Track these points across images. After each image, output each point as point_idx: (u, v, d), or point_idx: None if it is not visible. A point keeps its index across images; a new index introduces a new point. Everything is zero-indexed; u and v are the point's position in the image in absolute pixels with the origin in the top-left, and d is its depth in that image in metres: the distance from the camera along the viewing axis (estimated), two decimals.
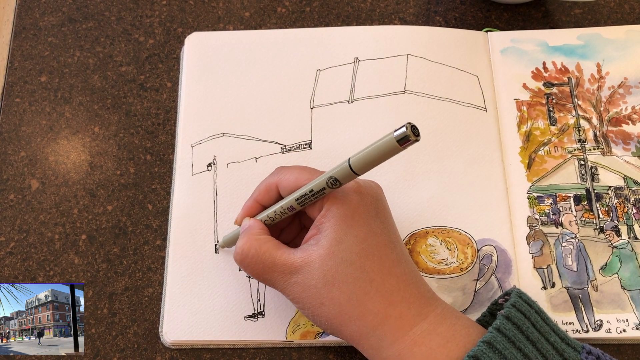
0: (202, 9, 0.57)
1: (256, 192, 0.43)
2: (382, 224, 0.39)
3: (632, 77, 0.53)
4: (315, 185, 0.38)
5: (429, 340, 0.36)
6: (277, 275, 0.39)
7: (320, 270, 0.37)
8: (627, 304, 0.45)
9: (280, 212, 0.41)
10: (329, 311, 0.37)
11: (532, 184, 0.49)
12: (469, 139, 0.50)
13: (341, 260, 0.37)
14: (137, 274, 0.48)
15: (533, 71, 0.53)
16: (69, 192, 0.50)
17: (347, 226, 0.37)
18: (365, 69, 0.53)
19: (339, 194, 0.39)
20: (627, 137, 0.51)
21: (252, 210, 0.43)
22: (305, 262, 0.38)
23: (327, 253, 0.37)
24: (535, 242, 0.48)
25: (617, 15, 0.56)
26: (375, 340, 0.37)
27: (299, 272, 0.38)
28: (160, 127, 0.53)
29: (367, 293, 0.37)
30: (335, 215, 0.38)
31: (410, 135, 0.33)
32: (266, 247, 0.39)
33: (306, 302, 0.38)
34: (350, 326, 0.37)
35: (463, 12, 0.57)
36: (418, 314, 0.37)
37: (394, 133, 0.33)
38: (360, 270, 0.37)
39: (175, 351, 0.45)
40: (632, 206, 0.48)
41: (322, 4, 0.57)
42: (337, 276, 0.37)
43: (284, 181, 0.41)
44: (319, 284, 0.37)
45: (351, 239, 0.37)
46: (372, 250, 0.38)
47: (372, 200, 0.39)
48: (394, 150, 0.34)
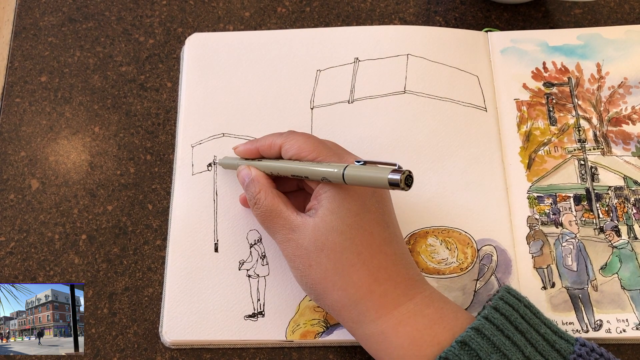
0: (202, 9, 0.57)
1: (259, 142, 0.44)
2: (377, 203, 0.40)
3: (632, 77, 0.53)
4: (310, 174, 0.40)
5: (414, 321, 0.37)
6: (279, 226, 0.40)
7: (312, 233, 0.38)
8: (627, 304, 0.45)
9: (277, 173, 0.43)
10: (314, 275, 0.38)
11: (532, 184, 0.49)
12: (469, 139, 0.50)
13: (332, 228, 0.38)
14: (137, 274, 0.48)
15: (533, 71, 0.53)
16: (69, 192, 0.50)
17: (342, 198, 0.39)
18: (365, 69, 0.53)
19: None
20: (627, 137, 0.51)
21: (251, 153, 0.45)
22: (302, 223, 0.39)
23: (320, 220, 0.39)
24: (535, 242, 0.48)
25: (617, 15, 0.56)
26: (356, 313, 0.38)
27: (296, 231, 0.39)
28: (160, 127, 0.53)
29: (353, 264, 0.38)
30: (333, 188, 0.39)
31: (400, 183, 0.34)
32: (276, 201, 0.41)
33: (297, 261, 0.39)
34: (332, 294, 0.38)
35: (463, 12, 0.57)
36: (404, 294, 0.38)
37: (388, 175, 0.34)
38: (350, 242, 0.38)
39: (175, 351, 0.45)
40: (632, 206, 0.49)
41: (322, 4, 0.57)
42: (326, 243, 0.38)
43: (288, 146, 0.42)
44: (310, 246, 0.38)
45: (344, 211, 0.38)
46: (364, 224, 0.39)
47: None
48: (382, 186, 0.35)
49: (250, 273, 0.47)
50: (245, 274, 0.47)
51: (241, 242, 0.48)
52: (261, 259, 0.47)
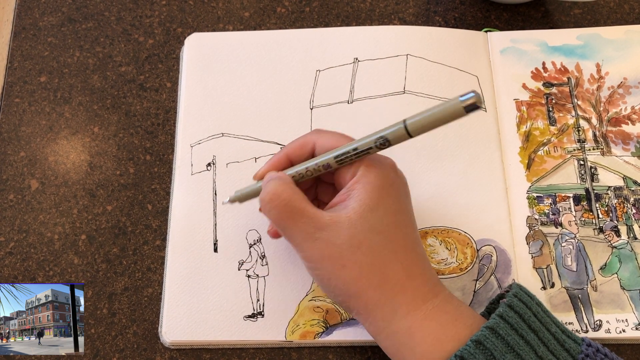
0: (201, 9, 0.57)
1: (289, 147, 0.42)
2: (409, 205, 0.40)
3: (631, 77, 0.53)
4: (361, 144, 0.37)
5: (439, 316, 0.37)
6: (301, 225, 0.37)
7: (348, 231, 0.37)
8: (626, 304, 0.46)
9: (313, 169, 0.40)
10: (349, 274, 0.37)
11: (531, 184, 0.49)
12: (468, 139, 0.50)
13: (371, 227, 0.37)
14: (136, 274, 0.48)
15: (533, 71, 0.53)
16: (68, 192, 0.50)
17: (381, 197, 0.37)
18: (364, 69, 0.53)
19: (376, 164, 0.39)
20: (627, 137, 0.51)
21: (279, 164, 0.42)
22: (334, 221, 0.37)
23: (357, 217, 0.37)
24: (535, 242, 0.48)
25: (616, 15, 0.56)
26: (389, 310, 0.37)
27: (325, 229, 0.37)
28: (160, 127, 0.53)
29: (390, 261, 0.37)
30: (371, 183, 0.37)
31: (478, 102, 0.33)
32: (298, 196, 0.38)
33: (326, 262, 0.37)
34: (368, 293, 0.37)
35: (463, 12, 0.56)
36: (431, 291, 0.38)
37: (460, 98, 0.33)
38: (387, 240, 0.37)
39: (174, 351, 0.45)
40: (632, 206, 0.49)
41: (321, 4, 0.57)
42: (364, 241, 0.37)
43: (322, 141, 0.40)
44: (344, 244, 0.36)
45: (383, 210, 0.37)
46: (400, 225, 0.38)
47: (404, 183, 0.40)
48: (457, 116, 0.33)
49: (250, 273, 0.47)
50: (244, 274, 0.47)
51: (240, 242, 0.48)
52: (260, 259, 0.47)
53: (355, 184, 0.38)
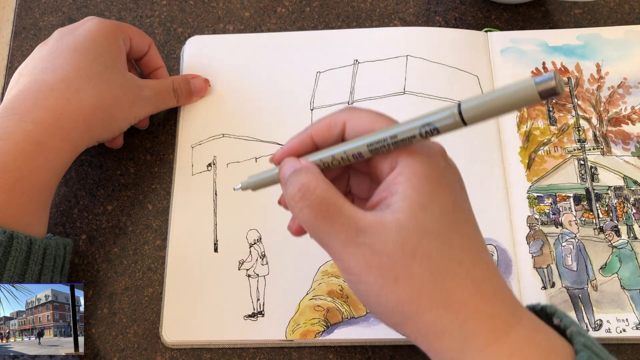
0: (202, 9, 0.57)
1: (314, 127, 0.34)
2: (467, 201, 0.33)
3: (631, 77, 0.53)
4: (402, 130, 0.30)
5: (529, 351, 0.29)
6: (339, 227, 0.30)
7: (398, 236, 0.29)
8: (626, 303, 0.46)
9: (340, 158, 0.32)
10: (403, 291, 0.29)
11: (532, 183, 0.49)
12: (468, 139, 0.50)
13: (425, 229, 0.30)
14: (137, 274, 0.48)
15: (533, 71, 0.53)
16: (69, 192, 0.50)
17: (433, 191, 0.30)
18: (364, 70, 0.53)
19: (422, 151, 0.31)
20: (627, 137, 0.51)
21: (301, 147, 0.34)
22: (379, 223, 0.30)
23: (407, 218, 0.29)
24: (535, 241, 0.48)
25: (616, 15, 0.56)
26: (459, 340, 0.29)
27: (369, 233, 0.30)
28: (160, 127, 0.53)
29: (456, 275, 0.30)
30: (418, 175, 0.30)
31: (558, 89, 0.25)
32: (335, 192, 0.31)
33: (373, 273, 0.30)
34: (429, 315, 0.29)
35: (463, 12, 0.57)
36: (512, 315, 0.30)
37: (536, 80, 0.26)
38: (448, 246, 0.30)
39: (175, 351, 0.45)
40: (632, 206, 0.49)
41: (322, 4, 0.57)
42: (419, 248, 0.29)
43: (355, 122, 0.32)
44: (395, 252, 0.29)
45: (437, 207, 0.30)
46: (460, 225, 0.31)
47: (457, 173, 0.33)
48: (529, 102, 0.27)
49: (250, 273, 0.47)
50: (245, 274, 0.47)
51: (241, 242, 0.48)
52: (261, 259, 0.47)
53: (398, 176, 0.31)
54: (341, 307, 0.45)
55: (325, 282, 0.46)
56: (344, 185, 0.37)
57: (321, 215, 0.31)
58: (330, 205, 0.31)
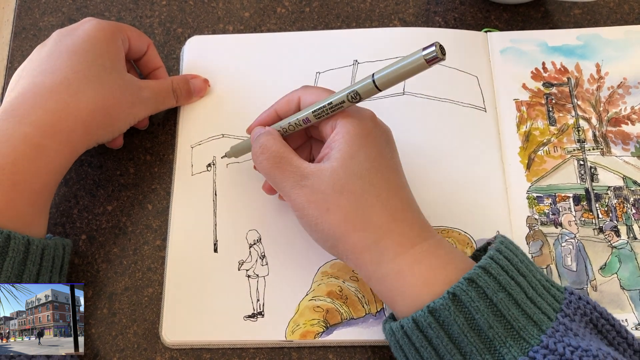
0: (202, 9, 0.57)
1: (277, 103, 0.44)
2: (391, 152, 0.41)
3: (631, 78, 0.53)
4: (335, 98, 0.40)
5: (429, 260, 0.38)
6: (289, 174, 0.40)
7: (330, 178, 0.39)
8: (626, 304, 0.46)
9: (295, 124, 0.42)
10: (333, 218, 0.38)
11: (531, 184, 0.49)
12: (468, 139, 0.50)
13: (352, 172, 0.39)
14: (137, 274, 0.48)
15: (532, 71, 0.53)
16: (69, 192, 0.50)
17: (360, 144, 0.39)
18: (364, 70, 0.53)
19: (355, 115, 0.40)
20: (627, 137, 0.51)
21: (268, 119, 0.45)
22: (318, 169, 0.39)
23: (339, 164, 0.39)
24: (535, 242, 0.48)
25: (616, 15, 0.56)
26: (376, 253, 0.38)
27: (310, 177, 0.39)
28: (160, 127, 0.53)
29: (373, 205, 0.38)
30: (350, 133, 0.39)
31: (438, 54, 0.34)
32: (286, 149, 0.41)
33: (312, 207, 0.39)
34: (353, 236, 0.38)
35: (462, 12, 0.57)
36: (419, 235, 0.39)
37: (422, 52, 0.35)
38: (369, 184, 0.39)
39: (175, 351, 0.45)
40: (632, 206, 0.49)
41: (321, 4, 0.57)
42: (346, 186, 0.38)
43: (307, 96, 0.42)
44: (327, 189, 0.38)
45: (362, 156, 0.39)
46: (382, 169, 0.39)
47: (384, 131, 0.42)
48: (419, 69, 0.36)
49: (250, 273, 0.47)
50: (244, 274, 0.47)
51: (240, 242, 0.48)
52: (260, 259, 0.47)
53: (335, 135, 0.40)
54: (340, 308, 0.46)
55: (325, 283, 0.46)
56: (308, 151, 0.47)
57: (275, 165, 0.40)
58: (282, 158, 0.40)
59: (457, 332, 0.35)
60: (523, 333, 0.35)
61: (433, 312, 0.36)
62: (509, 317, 0.35)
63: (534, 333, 0.35)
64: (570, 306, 0.37)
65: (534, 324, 0.36)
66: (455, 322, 0.35)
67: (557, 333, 0.35)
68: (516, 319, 0.35)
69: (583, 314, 0.37)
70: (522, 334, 0.35)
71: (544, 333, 0.35)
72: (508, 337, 0.35)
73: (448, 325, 0.36)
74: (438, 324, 0.36)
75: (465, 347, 0.35)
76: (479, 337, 0.35)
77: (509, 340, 0.35)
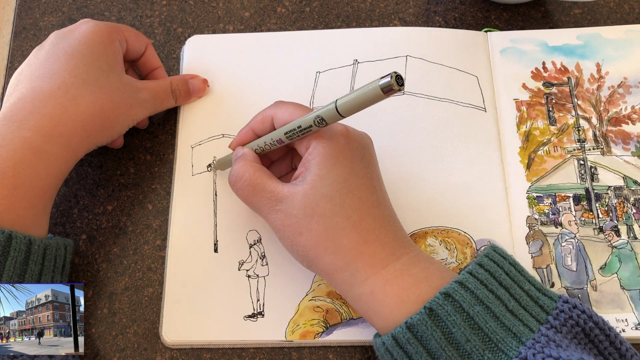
0: (202, 9, 0.57)
1: (253, 121, 0.45)
2: (365, 169, 0.41)
3: (631, 77, 0.53)
4: (303, 121, 0.40)
5: (401, 280, 0.38)
6: (264, 200, 0.41)
7: (302, 202, 0.39)
8: (626, 303, 0.46)
9: (269, 143, 0.43)
10: (306, 241, 0.39)
11: (531, 183, 0.49)
12: (468, 139, 0.50)
13: (322, 195, 0.39)
14: (137, 273, 0.48)
15: (532, 71, 0.53)
16: (69, 192, 0.50)
17: (331, 165, 0.39)
18: (364, 70, 0.53)
19: (327, 135, 0.40)
20: (627, 136, 0.51)
21: (246, 137, 0.45)
22: (291, 193, 0.40)
23: (309, 187, 0.39)
24: (535, 242, 0.48)
25: (616, 15, 0.56)
26: (348, 275, 0.39)
27: (284, 202, 0.40)
28: (160, 127, 0.53)
29: (343, 228, 0.39)
30: (321, 154, 0.40)
31: (393, 85, 0.34)
32: (259, 174, 0.42)
33: (286, 230, 0.40)
34: (324, 259, 0.39)
35: (463, 12, 0.57)
36: (391, 254, 0.39)
37: (379, 82, 0.35)
38: (339, 206, 0.39)
39: (175, 351, 0.45)
40: (632, 206, 0.49)
41: (321, 4, 0.57)
42: (316, 209, 0.39)
43: (279, 114, 0.42)
44: (299, 214, 0.39)
45: (333, 177, 0.39)
46: (353, 189, 0.39)
47: (358, 146, 0.41)
48: (377, 98, 0.36)
49: (250, 273, 0.47)
50: (244, 274, 0.47)
51: (241, 243, 0.48)
52: (261, 259, 0.47)
53: (308, 155, 0.40)
54: (340, 308, 0.46)
55: (325, 283, 0.46)
56: (288, 162, 0.47)
57: (250, 192, 0.42)
58: (256, 185, 0.41)
59: (435, 346, 0.36)
60: (501, 345, 0.35)
61: (411, 327, 0.36)
62: (486, 329, 0.36)
63: (513, 345, 0.35)
64: (560, 316, 0.37)
65: (513, 335, 0.36)
66: (433, 337, 0.36)
67: (538, 344, 0.35)
68: (494, 331, 0.36)
69: (575, 324, 0.37)
70: (501, 346, 0.35)
71: (523, 345, 0.35)
72: (486, 350, 0.35)
73: (426, 340, 0.36)
74: (416, 339, 0.36)
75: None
76: (457, 351, 0.36)
77: (487, 353, 0.35)
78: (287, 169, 0.47)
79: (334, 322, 0.45)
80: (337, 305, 0.46)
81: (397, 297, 0.37)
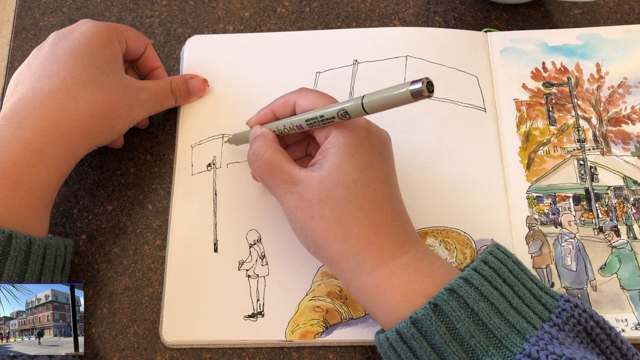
0: (202, 9, 0.57)
1: (274, 103, 0.45)
2: (383, 163, 0.41)
3: (631, 77, 0.53)
4: (326, 112, 0.40)
5: (407, 273, 0.38)
6: (280, 181, 0.41)
7: (317, 187, 0.39)
8: (626, 304, 0.46)
9: (289, 127, 0.43)
10: (316, 226, 0.40)
11: (531, 184, 0.49)
12: (468, 139, 0.50)
13: (338, 182, 0.39)
14: (137, 273, 0.48)
15: (532, 71, 0.53)
16: (69, 192, 0.50)
17: (350, 155, 0.40)
18: (364, 70, 0.53)
19: (348, 126, 0.41)
20: (627, 137, 0.51)
21: (265, 117, 0.46)
22: (307, 177, 0.40)
23: (326, 174, 0.39)
24: (535, 242, 0.48)
25: (616, 15, 0.56)
26: (354, 264, 0.39)
27: (299, 185, 0.40)
28: (160, 127, 0.53)
29: (355, 217, 0.39)
30: (340, 143, 0.40)
31: (424, 91, 0.34)
32: (278, 155, 0.42)
33: (298, 213, 0.40)
34: (333, 246, 0.39)
35: (462, 12, 0.57)
36: (400, 248, 0.39)
37: (409, 86, 0.35)
38: (354, 196, 0.39)
39: (175, 351, 0.45)
40: (632, 206, 0.49)
41: (321, 4, 0.57)
42: (331, 196, 0.39)
43: (302, 101, 0.43)
44: (313, 198, 0.39)
45: (351, 167, 0.40)
46: (369, 181, 0.40)
47: (377, 141, 0.42)
48: (405, 101, 0.36)
49: (250, 273, 0.47)
50: (244, 274, 0.47)
51: (241, 242, 0.48)
52: (260, 259, 0.47)
53: (327, 144, 0.41)
54: (340, 308, 0.46)
55: (325, 283, 0.46)
56: (304, 148, 0.47)
57: (267, 171, 0.42)
58: (274, 165, 0.41)
59: (440, 342, 0.36)
60: (505, 341, 0.35)
61: (415, 322, 0.36)
62: (491, 325, 0.36)
63: (517, 341, 0.35)
64: (562, 315, 0.37)
65: (517, 332, 0.36)
66: (437, 332, 0.36)
67: (541, 341, 0.35)
68: (498, 327, 0.36)
69: (577, 323, 0.37)
70: (505, 342, 0.35)
71: (527, 341, 0.35)
72: (490, 346, 0.35)
73: (430, 336, 0.36)
74: (421, 334, 0.36)
75: (448, 357, 0.36)
76: (461, 347, 0.36)
77: (491, 349, 0.35)
78: (302, 155, 0.48)
79: (334, 322, 0.45)
80: (337, 305, 0.46)
81: (403, 289, 0.38)
